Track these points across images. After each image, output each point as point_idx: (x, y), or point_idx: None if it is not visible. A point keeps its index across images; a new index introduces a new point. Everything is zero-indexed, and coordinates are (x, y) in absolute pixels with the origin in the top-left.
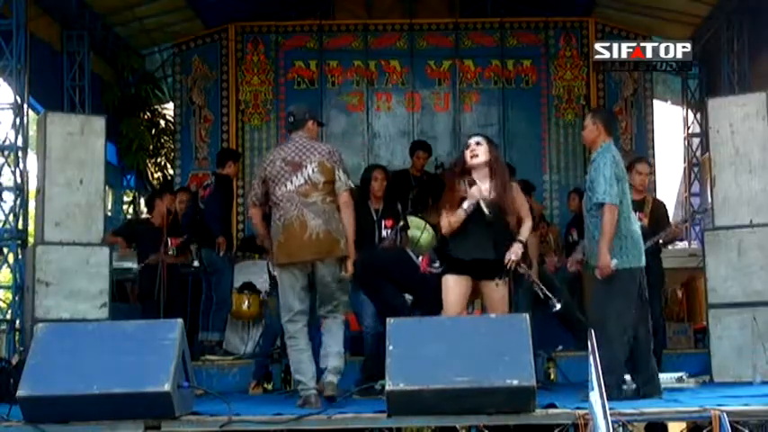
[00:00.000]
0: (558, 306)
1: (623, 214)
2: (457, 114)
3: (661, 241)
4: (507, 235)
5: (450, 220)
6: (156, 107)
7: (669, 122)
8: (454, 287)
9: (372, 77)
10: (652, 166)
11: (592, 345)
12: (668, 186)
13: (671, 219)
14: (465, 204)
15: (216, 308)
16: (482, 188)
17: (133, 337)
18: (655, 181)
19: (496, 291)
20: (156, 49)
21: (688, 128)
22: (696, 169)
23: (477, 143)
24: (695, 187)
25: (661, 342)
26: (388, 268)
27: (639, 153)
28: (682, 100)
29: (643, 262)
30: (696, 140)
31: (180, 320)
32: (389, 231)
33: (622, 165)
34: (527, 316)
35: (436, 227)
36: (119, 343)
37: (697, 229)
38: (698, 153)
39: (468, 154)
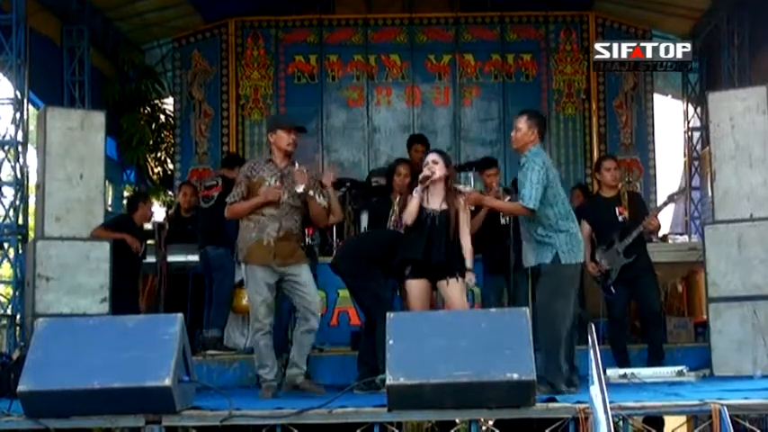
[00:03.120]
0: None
1: (561, 214)
2: (457, 109)
3: (642, 231)
4: (449, 243)
5: (408, 209)
6: (155, 102)
7: (669, 116)
8: (413, 289)
9: (372, 72)
10: (617, 160)
11: (591, 338)
12: (669, 181)
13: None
14: (417, 189)
15: (217, 304)
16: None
17: (134, 332)
18: (655, 175)
19: (448, 288)
20: (155, 43)
21: (688, 122)
22: (696, 163)
23: (434, 161)
24: (696, 181)
25: (661, 336)
26: (377, 250)
27: (639, 147)
28: (682, 94)
29: (582, 257)
30: (696, 134)
31: (180, 315)
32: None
33: (554, 170)
34: (527, 310)
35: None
36: (119, 338)
37: (697, 222)
38: (698, 147)
39: (426, 171)
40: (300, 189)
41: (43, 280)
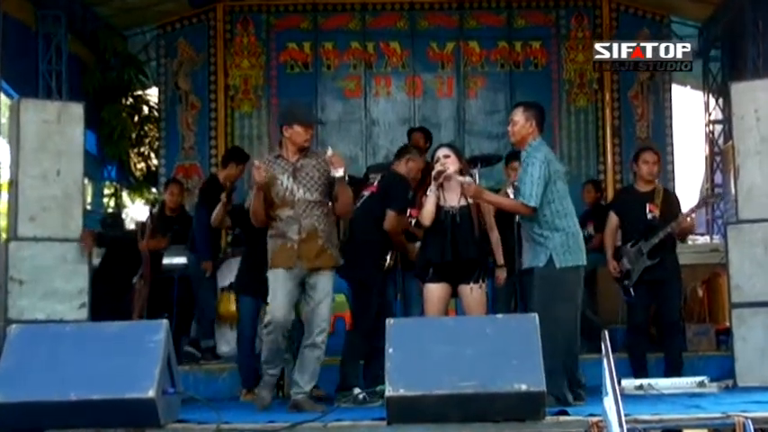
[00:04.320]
0: None
1: (559, 211)
2: (461, 100)
3: (672, 232)
4: (475, 240)
5: (425, 209)
6: (139, 93)
7: (689, 108)
8: (432, 294)
9: (370, 60)
10: (659, 154)
11: (605, 347)
12: (689, 177)
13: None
14: (432, 188)
15: (198, 313)
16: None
17: (115, 340)
18: (673, 171)
19: (471, 296)
20: (138, 30)
21: (709, 114)
22: (718, 159)
23: (446, 156)
24: (718, 178)
25: (680, 344)
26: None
27: (656, 141)
28: (702, 84)
29: (584, 260)
30: (718, 128)
31: (165, 321)
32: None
33: (556, 163)
34: (536, 316)
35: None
36: (99, 346)
37: (719, 222)
38: (720, 141)
39: (438, 167)
40: (340, 173)
41: (16, 284)
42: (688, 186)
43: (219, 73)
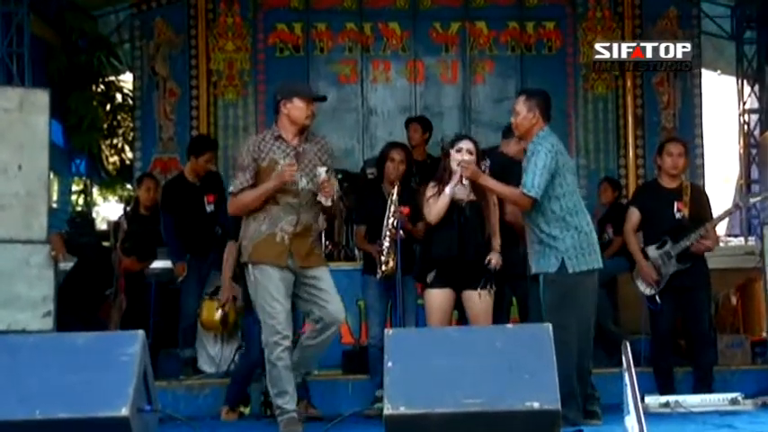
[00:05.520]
0: None
1: (569, 208)
2: (467, 86)
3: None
4: (483, 240)
5: (437, 207)
6: (111, 79)
7: (721, 96)
8: (435, 301)
9: (367, 43)
10: (685, 145)
11: (627, 359)
12: (721, 172)
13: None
14: (448, 189)
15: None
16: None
17: (84, 352)
18: (703, 166)
19: (479, 303)
20: (110, 9)
21: (744, 102)
22: (754, 151)
23: (470, 151)
24: (754, 173)
25: (711, 357)
26: None
27: (684, 133)
28: (736, 69)
29: (600, 263)
30: (754, 117)
31: (141, 332)
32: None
33: (566, 155)
34: (550, 326)
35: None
36: (67, 359)
37: (756, 222)
38: (756, 132)
39: (457, 157)
40: (328, 203)
41: None
42: (720, 182)
43: (201, 56)
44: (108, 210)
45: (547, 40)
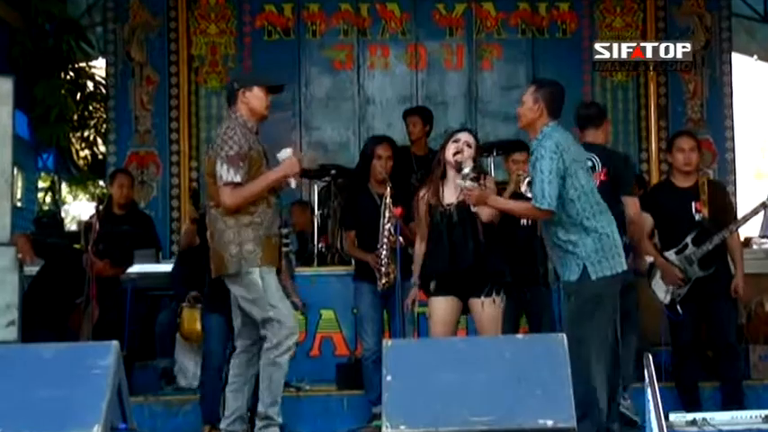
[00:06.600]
0: None
1: (589, 210)
2: (473, 73)
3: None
4: (477, 244)
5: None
6: (81, 65)
7: (754, 83)
8: (438, 310)
9: (364, 26)
10: (697, 139)
11: (649, 373)
12: (752, 167)
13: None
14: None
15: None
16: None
17: (53, 365)
18: (734, 161)
19: (483, 312)
20: None
21: None
22: None
23: (468, 144)
24: None
25: (740, 371)
26: None
27: (712, 124)
28: None
29: (624, 266)
30: None
31: (115, 343)
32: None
33: (574, 150)
34: (564, 336)
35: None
36: (33, 372)
37: None
38: None
39: (453, 150)
40: (294, 185)
41: None
42: (750, 180)
43: (181, 40)
44: (78, 209)
45: (561, 23)
